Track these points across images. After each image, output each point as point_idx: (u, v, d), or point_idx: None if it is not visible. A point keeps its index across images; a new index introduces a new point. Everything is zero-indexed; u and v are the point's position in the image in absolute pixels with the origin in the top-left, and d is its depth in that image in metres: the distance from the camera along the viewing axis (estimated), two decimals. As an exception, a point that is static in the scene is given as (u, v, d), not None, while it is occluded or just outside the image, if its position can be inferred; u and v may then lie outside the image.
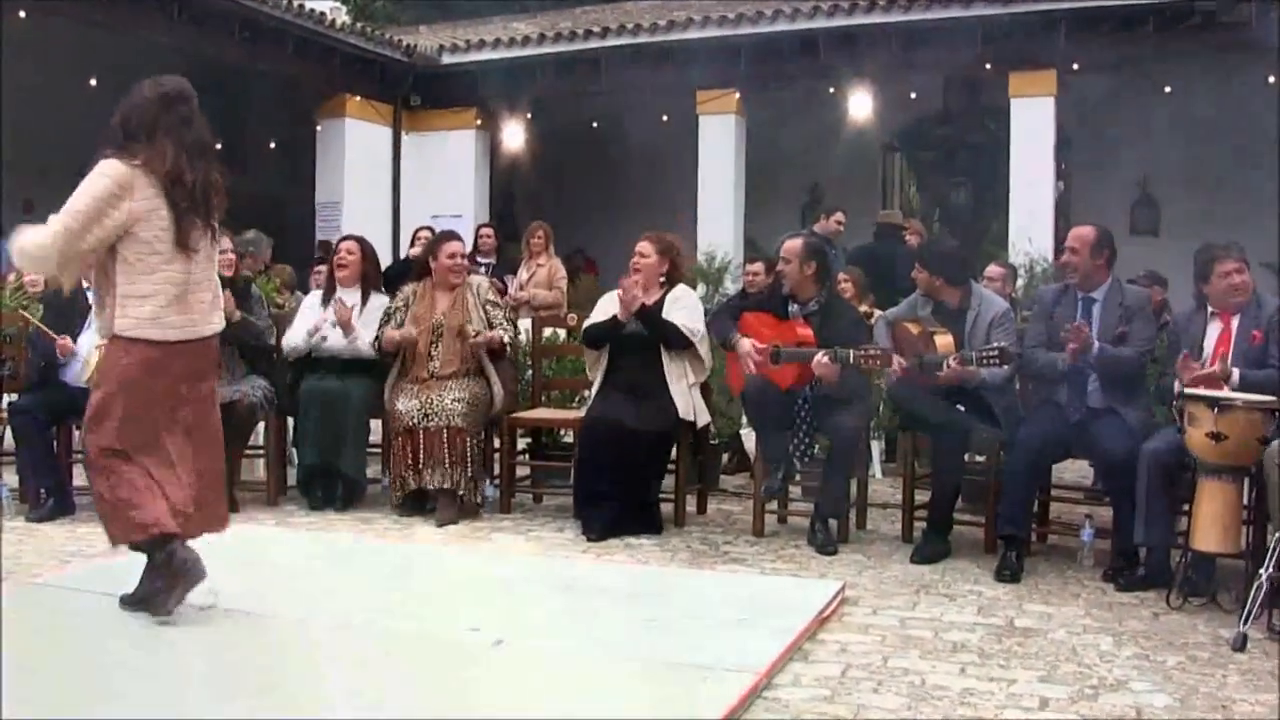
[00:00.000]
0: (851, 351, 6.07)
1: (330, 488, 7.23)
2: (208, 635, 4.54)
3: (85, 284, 6.93)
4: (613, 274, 9.55)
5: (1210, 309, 5.76)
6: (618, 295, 6.77)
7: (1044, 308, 6.19)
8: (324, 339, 7.26)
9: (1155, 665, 4.39)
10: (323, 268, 9.01)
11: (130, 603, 4.67)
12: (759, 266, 9.09)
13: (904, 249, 9.82)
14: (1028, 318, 7.19)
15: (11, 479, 7.11)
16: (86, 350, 6.74)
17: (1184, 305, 6.53)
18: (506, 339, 7.15)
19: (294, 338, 7.32)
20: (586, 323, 6.99)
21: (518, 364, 7.74)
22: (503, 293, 9.15)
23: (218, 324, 4.86)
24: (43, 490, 6.87)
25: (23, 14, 12.53)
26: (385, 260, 10.82)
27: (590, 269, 16.43)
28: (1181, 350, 5.60)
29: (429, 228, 10.84)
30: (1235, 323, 5.64)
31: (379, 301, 7.41)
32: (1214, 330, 5.71)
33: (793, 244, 6.64)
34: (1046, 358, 5.99)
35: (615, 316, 6.77)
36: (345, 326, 7.16)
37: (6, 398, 7.23)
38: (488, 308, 7.18)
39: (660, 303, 6.80)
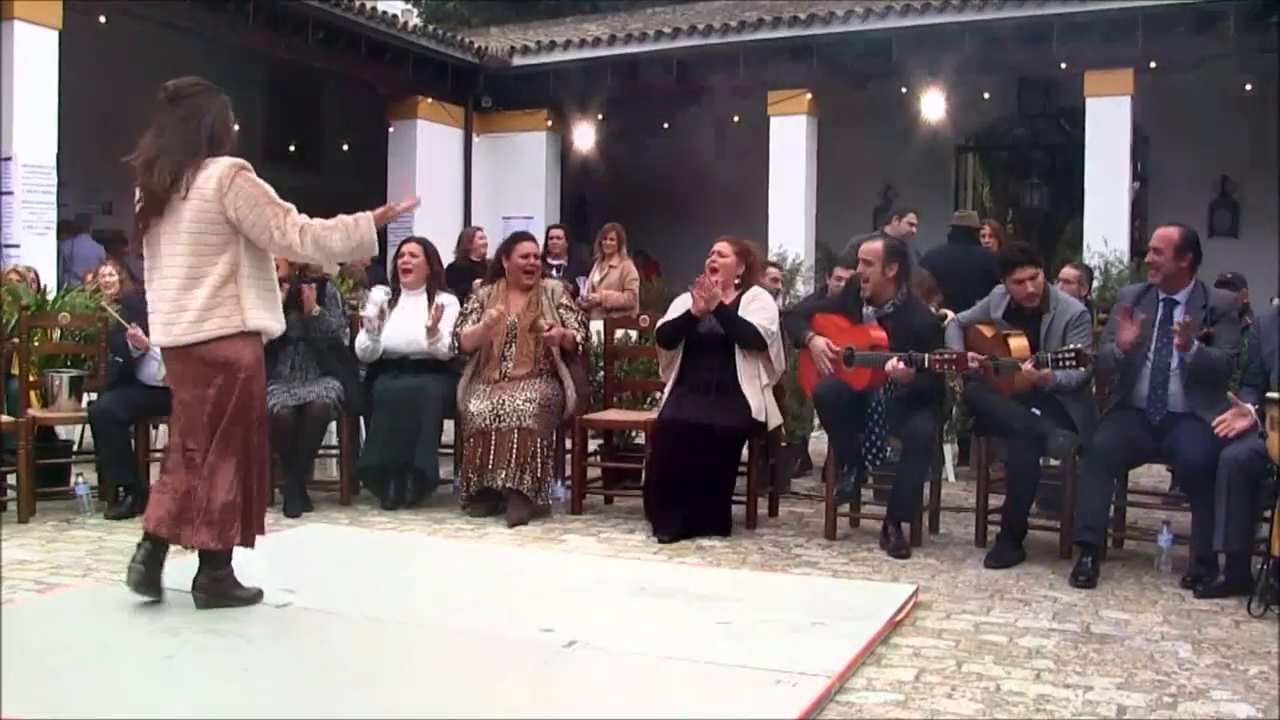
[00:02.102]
0: (926, 355, 6.03)
1: (402, 486, 7.27)
2: (283, 633, 4.59)
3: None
4: (682, 276, 9.55)
5: None
6: (693, 293, 6.76)
7: (1124, 306, 6.10)
8: (375, 333, 7.33)
9: (1236, 674, 4.32)
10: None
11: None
12: (841, 270, 9.05)
13: (980, 250, 9.72)
14: (1104, 319, 7.11)
15: (92, 476, 7.22)
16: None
17: (1264, 309, 6.43)
18: (579, 338, 7.17)
19: (361, 340, 7.38)
20: (660, 321, 6.98)
21: (590, 366, 7.75)
22: (574, 295, 9.17)
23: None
24: (121, 488, 6.96)
25: (102, 19, 12.73)
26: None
27: (652, 270, 16.39)
28: (1261, 349, 5.51)
29: (480, 227, 10.93)
30: None
31: (447, 299, 7.47)
32: None
33: (874, 246, 6.60)
34: (1105, 349, 5.93)
35: (689, 312, 6.75)
36: (433, 329, 7.20)
37: (87, 396, 7.32)
38: (561, 311, 7.21)
39: (735, 304, 6.78)
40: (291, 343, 7.16)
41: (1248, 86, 14.52)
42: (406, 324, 7.35)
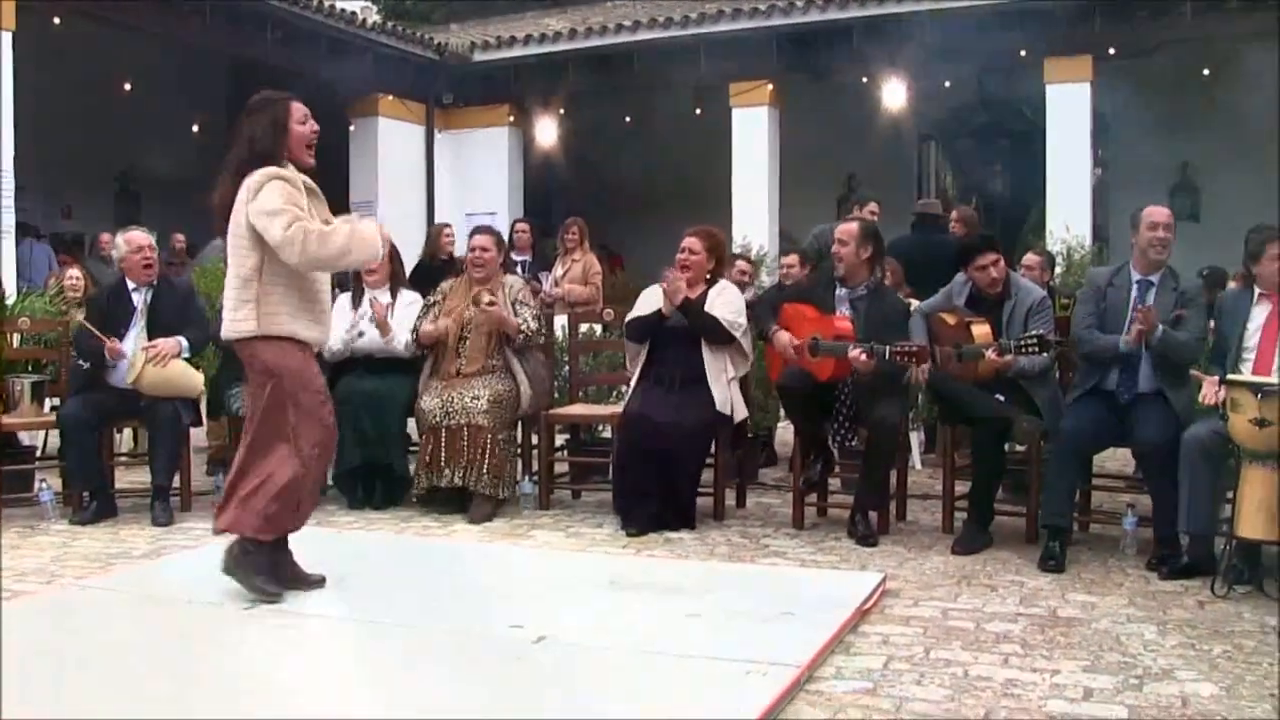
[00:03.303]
0: (888, 347, 6.04)
1: (370, 486, 7.25)
2: (250, 635, 4.57)
3: (132, 284, 7.01)
4: (646, 268, 9.54)
5: (1258, 290, 5.69)
6: (661, 288, 6.76)
7: (1095, 289, 6.12)
8: (360, 334, 7.29)
9: (1201, 654, 4.36)
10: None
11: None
12: (794, 259, 9.08)
13: (943, 238, 9.75)
14: (1067, 305, 7.15)
15: (56, 482, 7.16)
16: (132, 352, 6.79)
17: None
18: (525, 329, 7.12)
19: (332, 342, 7.33)
20: (629, 316, 6.97)
21: (555, 360, 7.73)
22: (536, 292, 9.15)
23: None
24: (86, 493, 6.92)
25: (57, 20, 12.64)
26: (418, 258, 10.87)
27: (616, 263, 16.36)
28: (1223, 329, 5.55)
29: (449, 224, 10.90)
30: None
31: (410, 298, 7.47)
32: (1260, 313, 5.62)
33: (849, 226, 6.62)
34: (1106, 340, 5.92)
35: (660, 311, 6.76)
36: (382, 327, 7.19)
37: (49, 402, 7.27)
38: (517, 306, 7.19)
39: (703, 297, 6.78)
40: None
41: (1205, 71, 14.61)
42: (369, 324, 7.32)
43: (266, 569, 4.93)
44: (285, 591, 4.93)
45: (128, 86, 15.81)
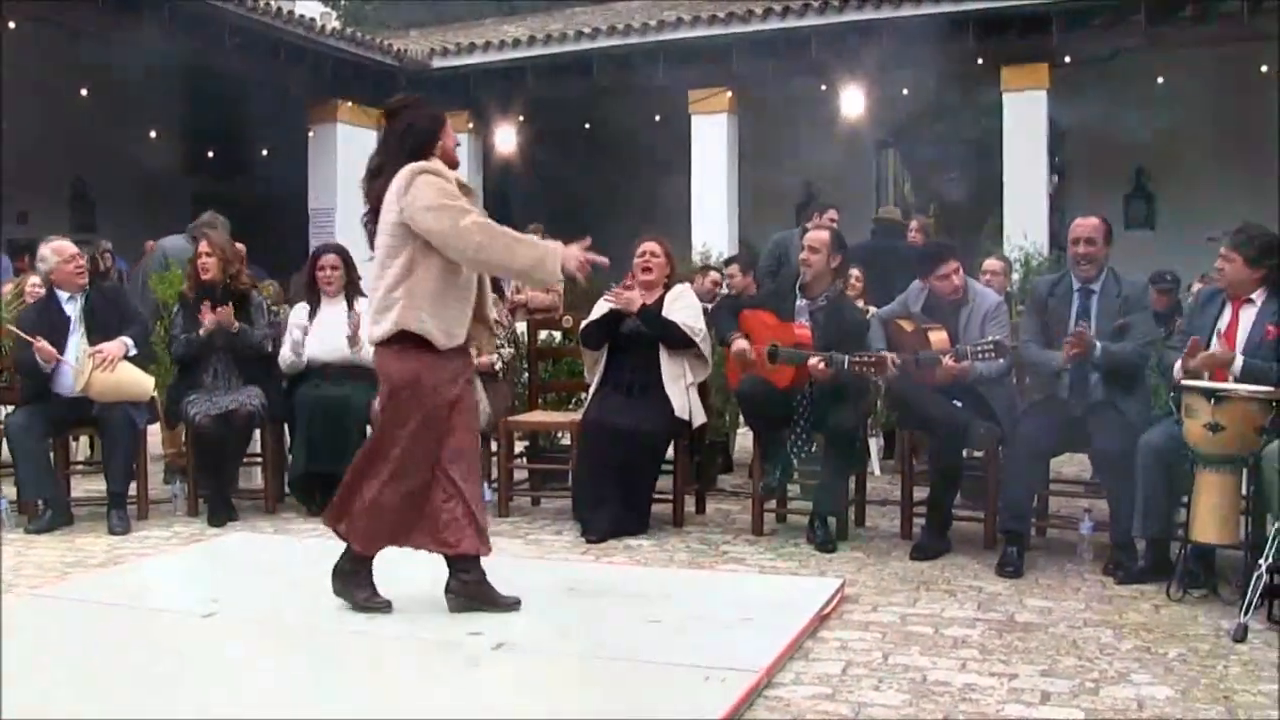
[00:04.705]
0: (847, 358, 6.05)
1: (329, 494, 7.20)
2: (209, 642, 4.55)
3: (64, 294, 6.94)
4: (604, 276, 9.53)
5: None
6: (608, 300, 6.78)
7: (1038, 300, 6.16)
8: (301, 353, 7.26)
9: (1156, 657, 4.39)
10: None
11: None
12: (734, 269, 9.13)
13: (903, 245, 9.80)
14: (1023, 311, 7.18)
15: (10, 491, 7.10)
16: (77, 360, 6.73)
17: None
18: (496, 365, 7.12)
19: (285, 355, 7.30)
20: (584, 322, 6.97)
21: (515, 367, 7.70)
22: (502, 295, 9.12)
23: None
24: (40, 502, 6.85)
25: (12, 24, 12.52)
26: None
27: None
28: (1190, 331, 5.58)
29: None
30: (1248, 313, 5.54)
31: (366, 305, 7.45)
32: (1227, 316, 5.62)
33: (821, 234, 6.63)
34: (1041, 356, 5.97)
35: (613, 311, 6.75)
36: (354, 339, 7.14)
37: (4, 410, 7.20)
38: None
39: (660, 302, 6.79)
40: (214, 351, 7.10)
41: (1160, 79, 14.75)
42: (327, 333, 7.28)
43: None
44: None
45: (84, 92, 15.68)
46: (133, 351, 6.86)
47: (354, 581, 4.88)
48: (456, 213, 4.58)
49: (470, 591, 4.84)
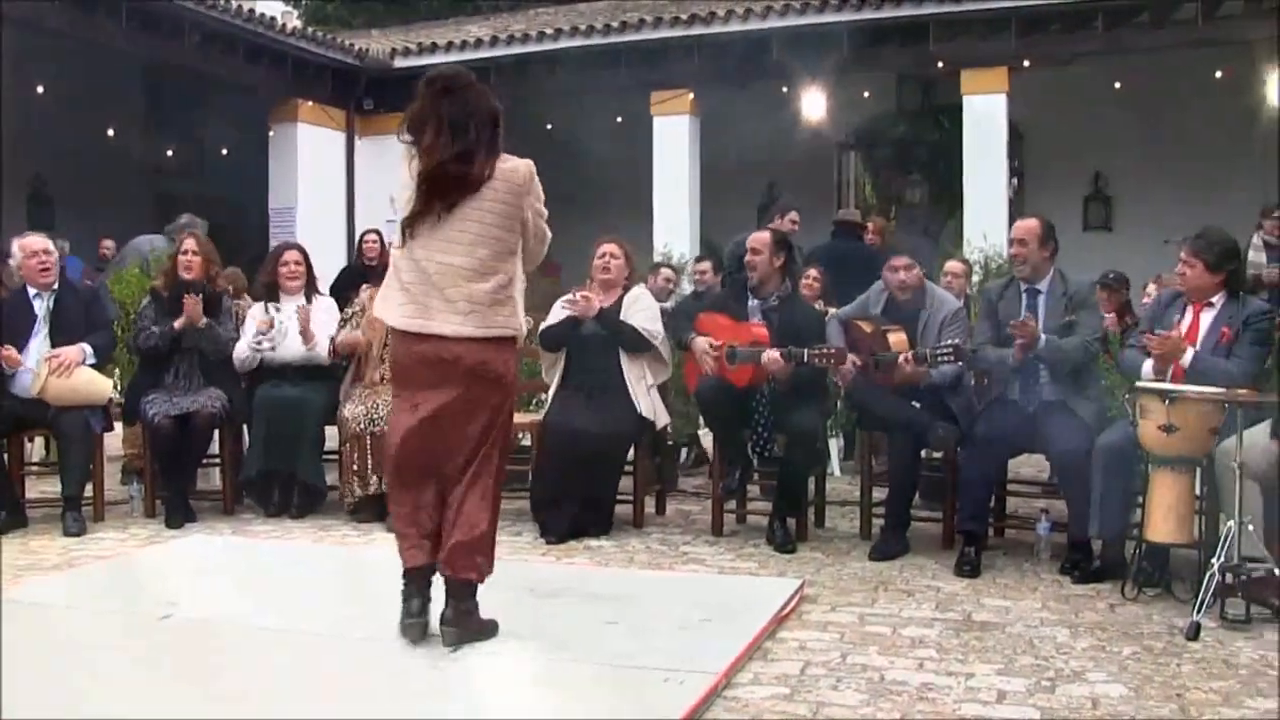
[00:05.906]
0: (805, 350, 6.09)
1: (287, 494, 7.18)
2: (166, 645, 4.52)
3: (33, 291, 6.88)
4: (570, 276, 9.52)
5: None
6: (564, 304, 6.79)
7: (989, 304, 6.22)
8: (273, 348, 7.22)
9: (1111, 656, 4.43)
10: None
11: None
12: (707, 265, 9.14)
13: (863, 247, 9.85)
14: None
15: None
16: (36, 362, 6.67)
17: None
18: None
19: (240, 350, 7.25)
20: (542, 325, 6.96)
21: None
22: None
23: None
24: (-7, 504, 6.78)
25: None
26: (340, 264, 10.77)
27: (551, 271, 16.30)
28: (1152, 331, 5.62)
29: (376, 231, 10.82)
30: (1208, 316, 5.59)
31: (325, 303, 7.45)
32: (1189, 318, 5.65)
33: (762, 236, 6.66)
34: (996, 354, 6.02)
35: (572, 318, 6.76)
36: (306, 334, 7.13)
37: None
38: None
39: (618, 304, 6.80)
40: (179, 350, 7.05)
41: (1117, 84, 14.87)
42: (287, 332, 7.26)
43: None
44: None
45: (40, 89, 15.54)
46: (91, 359, 6.80)
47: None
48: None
49: (469, 625, 4.47)
